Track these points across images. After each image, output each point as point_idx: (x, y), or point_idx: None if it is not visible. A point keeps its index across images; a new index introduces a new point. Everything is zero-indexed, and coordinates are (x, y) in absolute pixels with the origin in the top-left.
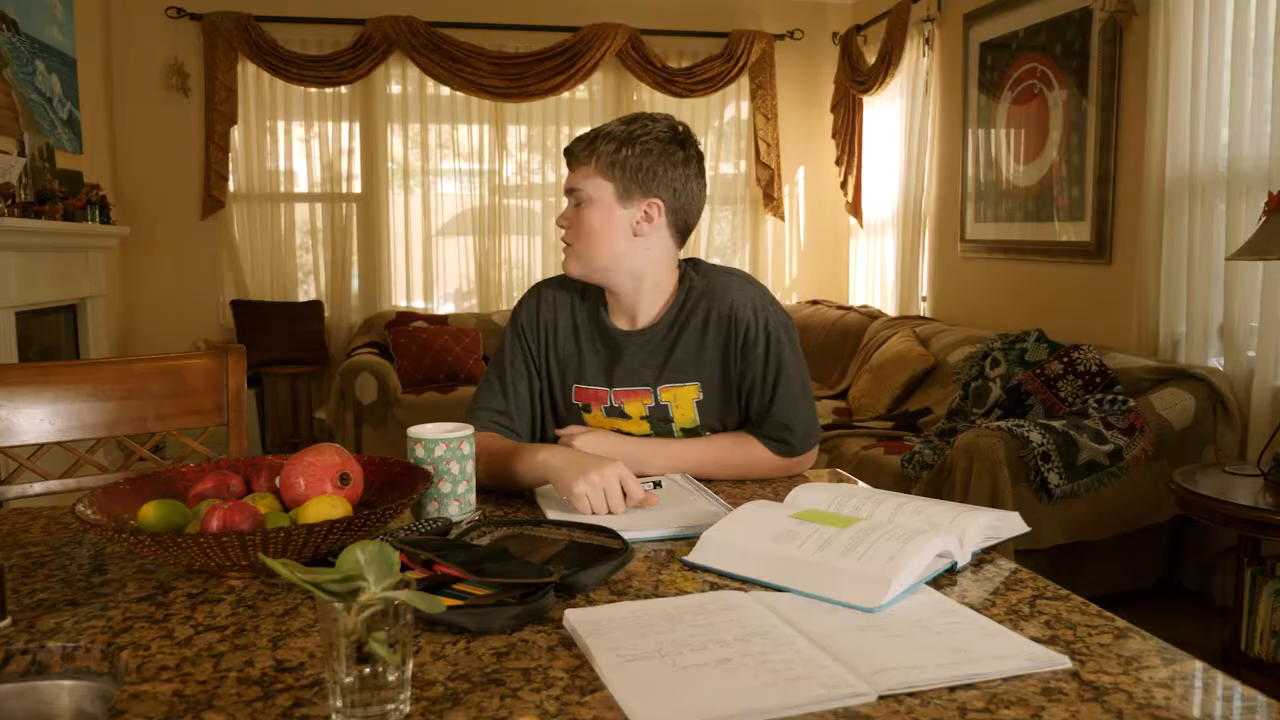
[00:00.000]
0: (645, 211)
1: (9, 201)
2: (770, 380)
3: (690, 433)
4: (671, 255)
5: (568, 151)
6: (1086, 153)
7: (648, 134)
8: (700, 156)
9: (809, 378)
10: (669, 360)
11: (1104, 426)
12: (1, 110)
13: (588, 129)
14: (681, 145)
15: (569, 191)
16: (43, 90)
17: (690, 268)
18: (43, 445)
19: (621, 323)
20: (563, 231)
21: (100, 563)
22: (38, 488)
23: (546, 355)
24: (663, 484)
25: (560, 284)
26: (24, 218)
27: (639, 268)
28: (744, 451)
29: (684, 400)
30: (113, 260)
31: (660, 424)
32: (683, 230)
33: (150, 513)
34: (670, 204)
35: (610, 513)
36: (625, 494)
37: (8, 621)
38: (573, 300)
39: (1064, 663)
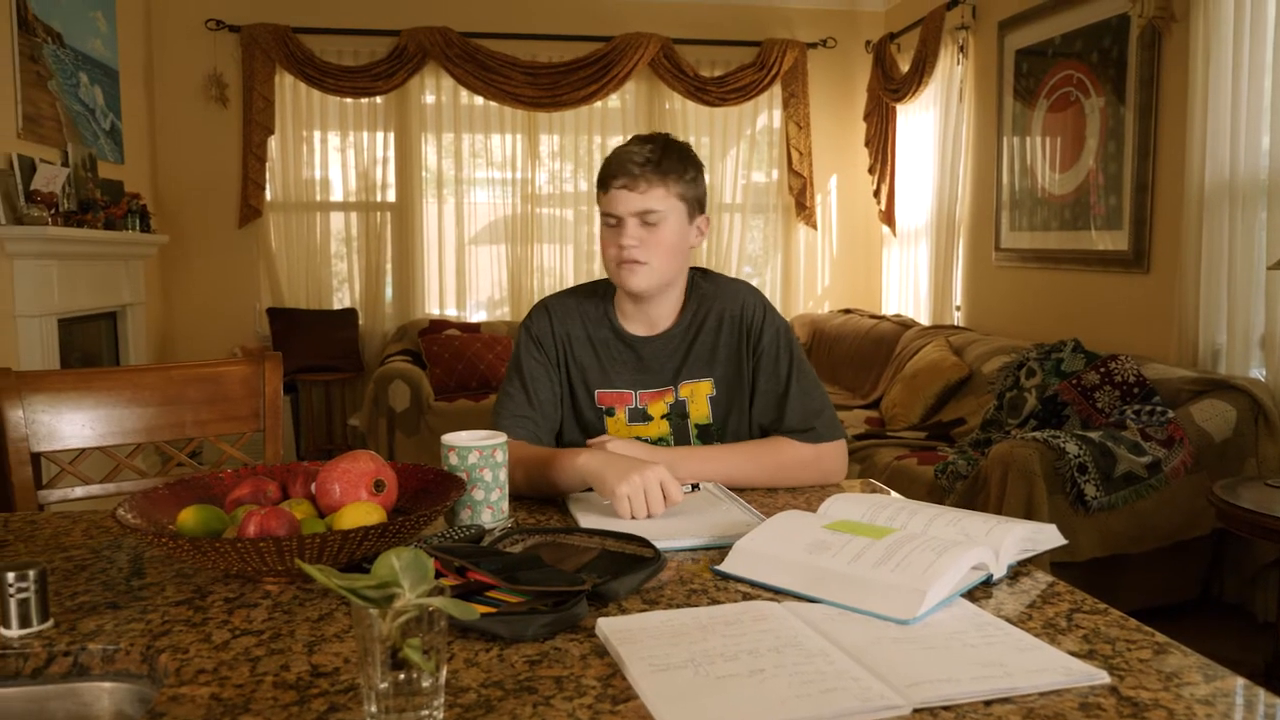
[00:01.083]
0: (698, 228)
1: (53, 211)
2: (784, 373)
3: (704, 429)
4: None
5: (624, 172)
6: (1124, 160)
7: (690, 157)
8: None
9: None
10: (687, 358)
11: (1142, 438)
12: (46, 121)
13: (629, 140)
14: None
15: (638, 213)
16: (86, 102)
17: (698, 275)
18: (84, 450)
19: (638, 329)
20: (623, 250)
21: (139, 566)
22: (79, 492)
23: (566, 364)
24: (700, 487)
25: (563, 298)
26: (67, 226)
27: (679, 278)
28: (774, 450)
29: (699, 395)
30: (152, 268)
31: (678, 420)
32: None
33: (189, 517)
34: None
35: (650, 515)
36: (665, 496)
37: (50, 624)
38: (581, 311)
39: (1102, 678)
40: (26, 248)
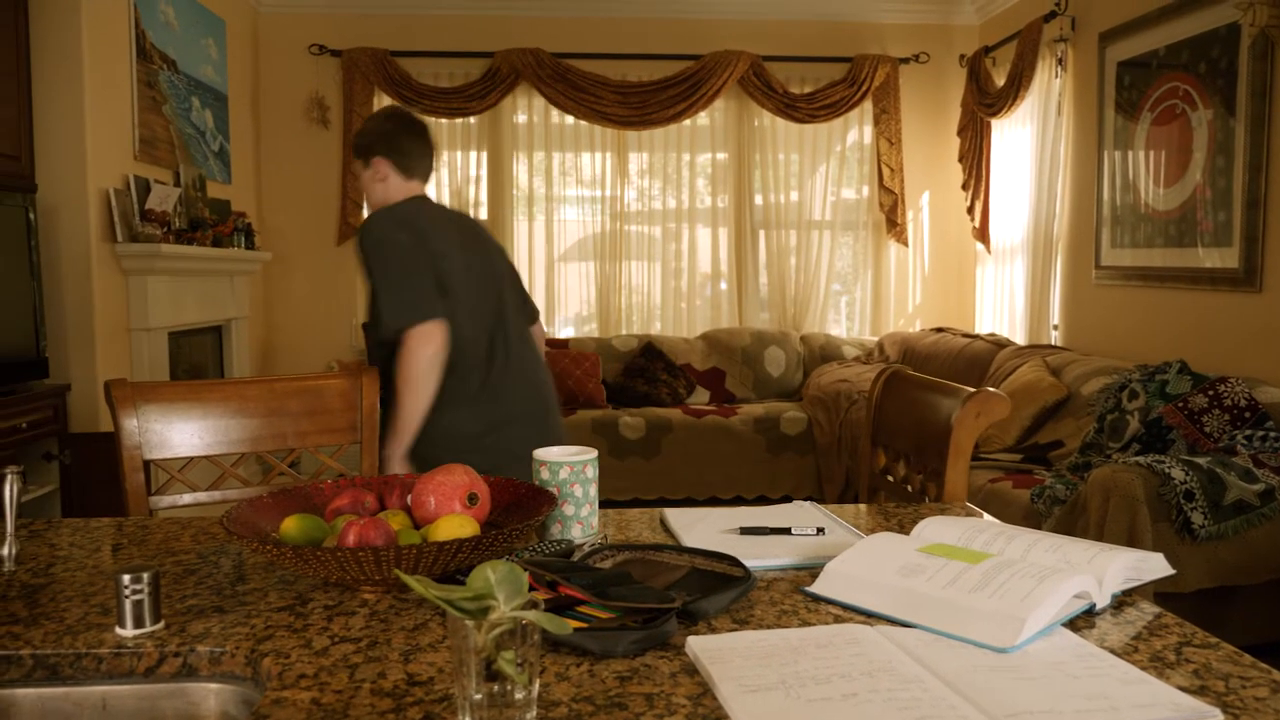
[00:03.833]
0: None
1: (165, 229)
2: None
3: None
4: None
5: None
6: (1234, 175)
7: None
8: None
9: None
10: None
11: (1254, 464)
12: (160, 144)
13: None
14: None
15: None
16: (197, 125)
17: None
18: (192, 459)
19: None
20: None
21: (242, 572)
22: (186, 499)
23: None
24: (802, 506)
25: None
26: (178, 244)
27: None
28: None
29: None
30: (256, 284)
31: None
32: None
33: (291, 526)
34: None
35: None
36: None
37: (161, 625)
38: None
39: (1215, 715)
40: (141, 264)
